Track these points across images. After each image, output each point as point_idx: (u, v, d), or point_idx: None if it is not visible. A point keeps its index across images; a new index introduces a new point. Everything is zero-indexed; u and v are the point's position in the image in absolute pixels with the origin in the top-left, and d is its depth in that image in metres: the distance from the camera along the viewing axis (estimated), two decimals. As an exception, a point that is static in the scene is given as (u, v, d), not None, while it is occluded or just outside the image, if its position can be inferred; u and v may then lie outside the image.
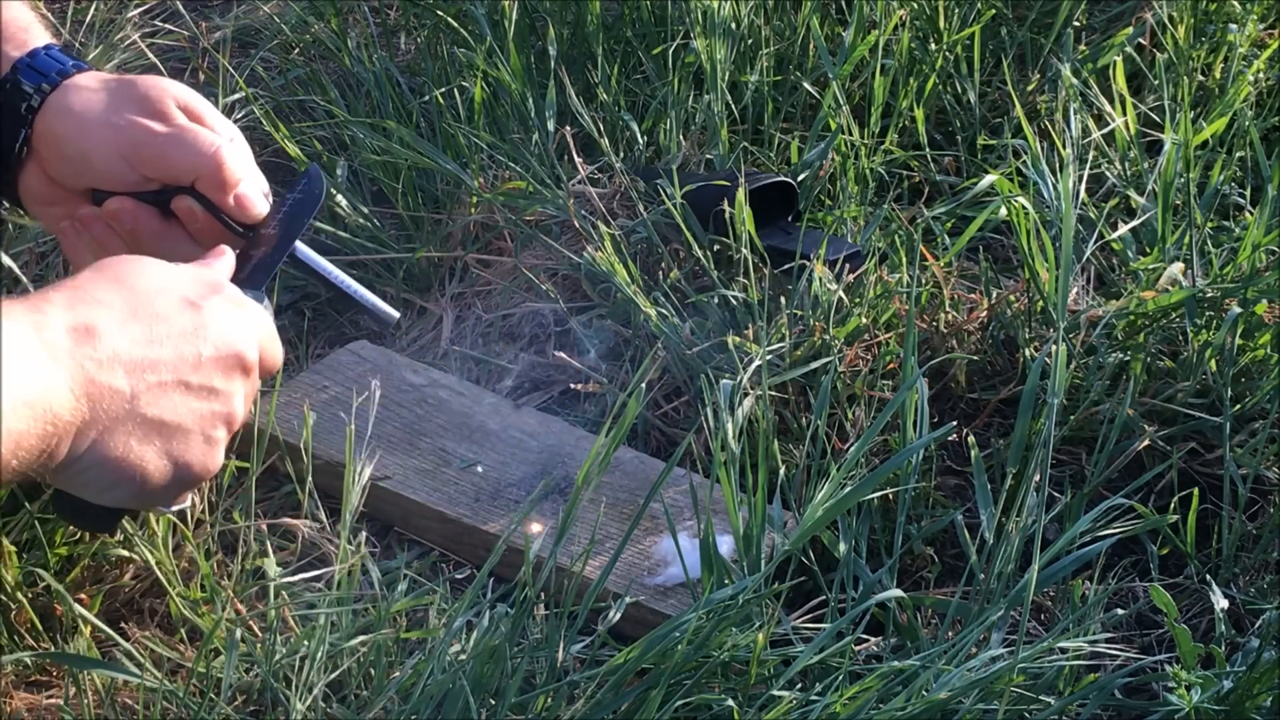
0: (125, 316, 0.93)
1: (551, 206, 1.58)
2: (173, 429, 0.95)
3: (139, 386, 0.93)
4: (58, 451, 0.89)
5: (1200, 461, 1.37)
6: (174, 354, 0.95)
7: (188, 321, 0.97)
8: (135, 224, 1.14)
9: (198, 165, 1.13)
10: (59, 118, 1.13)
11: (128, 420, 0.92)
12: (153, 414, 0.94)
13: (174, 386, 0.95)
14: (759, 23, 1.75)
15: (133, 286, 0.96)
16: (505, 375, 1.51)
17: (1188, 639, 1.11)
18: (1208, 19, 1.85)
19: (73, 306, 0.91)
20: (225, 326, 0.99)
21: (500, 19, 1.78)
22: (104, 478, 0.92)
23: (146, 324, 0.94)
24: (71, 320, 0.91)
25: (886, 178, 1.69)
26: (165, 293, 0.97)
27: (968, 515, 1.29)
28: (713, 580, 1.13)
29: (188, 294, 0.99)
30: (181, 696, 1.07)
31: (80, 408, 0.89)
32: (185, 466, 0.96)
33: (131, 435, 0.93)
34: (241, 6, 2.10)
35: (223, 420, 0.98)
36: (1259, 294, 1.40)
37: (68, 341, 0.89)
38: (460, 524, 1.30)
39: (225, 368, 0.98)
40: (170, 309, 0.97)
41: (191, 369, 0.96)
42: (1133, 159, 1.65)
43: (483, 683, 1.06)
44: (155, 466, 0.95)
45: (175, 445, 0.95)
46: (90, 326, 0.91)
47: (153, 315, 0.95)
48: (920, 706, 1.04)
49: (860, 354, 1.43)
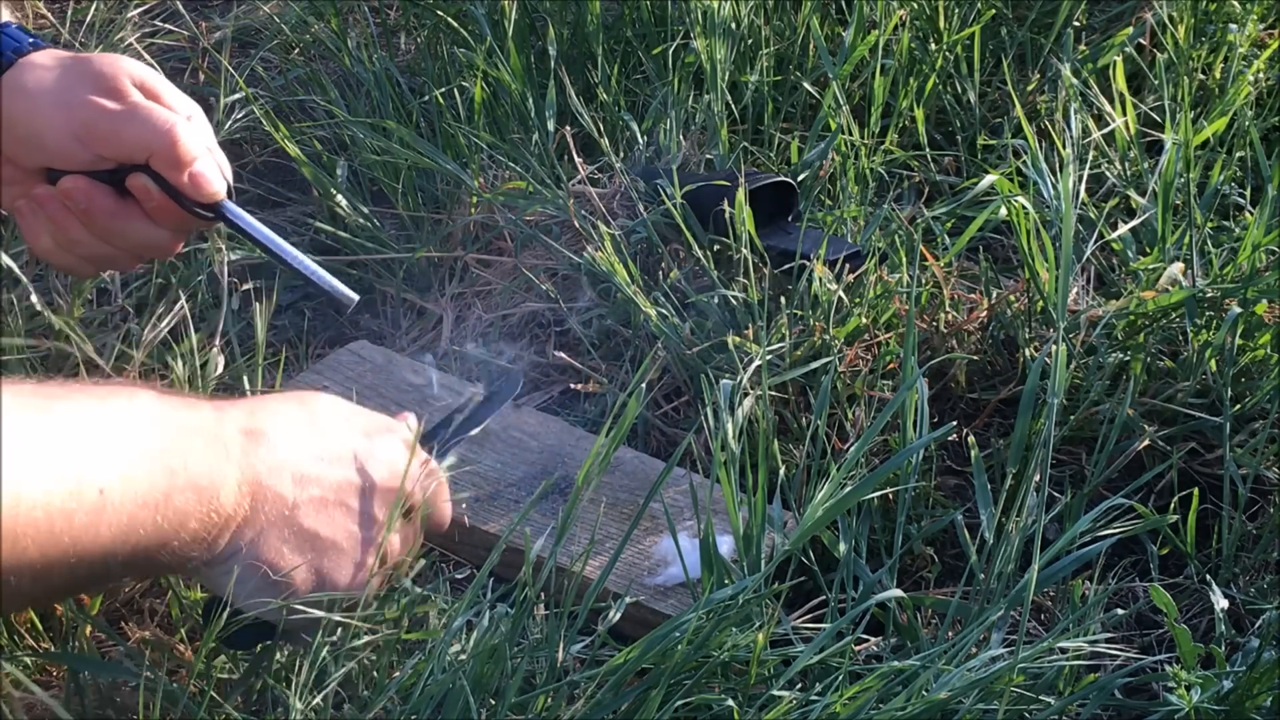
0: (300, 431, 0.97)
1: (551, 206, 1.58)
2: (326, 545, 0.97)
3: (301, 496, 0.95)
4: (216, 543, 0.92)
5: (1200, 461, 1.37)
6: (340, 475, 0.98)
7: (359, 448, 1.00)
8: (90, 203, 1.13)
9: (151, 143, 1.11)
10: (12, 97, 1.12)
11: (285, 527, 0.94)
12: (309, 526, 0.96)
13: (335, 505, 0.97)
14: (759, 23, 1.75)
15: (313, 409, 1.00)
16: (505, 375, 1.51)
17: (1188, 639, 1.11)
18: (1208, 19, 1.85)
19: (253, 412, 0.95)
20: (394, 462, 1.01)
21: (500, 19, 1.78)
22: (251, 579, 0.94)
23: (319, 442, 0.97)
24: (249, 424, 0.94)
25: (886, 178, 1.69)
26: (343, 420, 1.01)
27: (968, 515, 1.29)
28: (713, 580, 1.13)
29: (364, 426, 1.02)
30: (181, 697, 1.07)
31: (244, 504, 0.92)
32: (333, 586, 0.98)
33: (286, 542, 0.95)
34: (241, 6, 2.10)
35: (375, 550, 0.99)
36: (1259, 294, 1.40)
37: (241, 440, 0.93)
38: (460, 524, 1.30)
39: (388, 499, 1.00)
40: (345, 434, 1.00)
41: (355, 493, 0.98)
42: (1133, 159, 1.65)
43: (483, 683, 1.06)
44: (302, 578, 0.96)
45: (326, 562, 0.97)
46: (263, 432, 0.94)
47: (326, 435, 0.98)
48: (920, 706, 1.04)
49: (860, 354, 1.43)
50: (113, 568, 0.87)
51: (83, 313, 1.49)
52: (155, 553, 0.88)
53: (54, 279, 1.54)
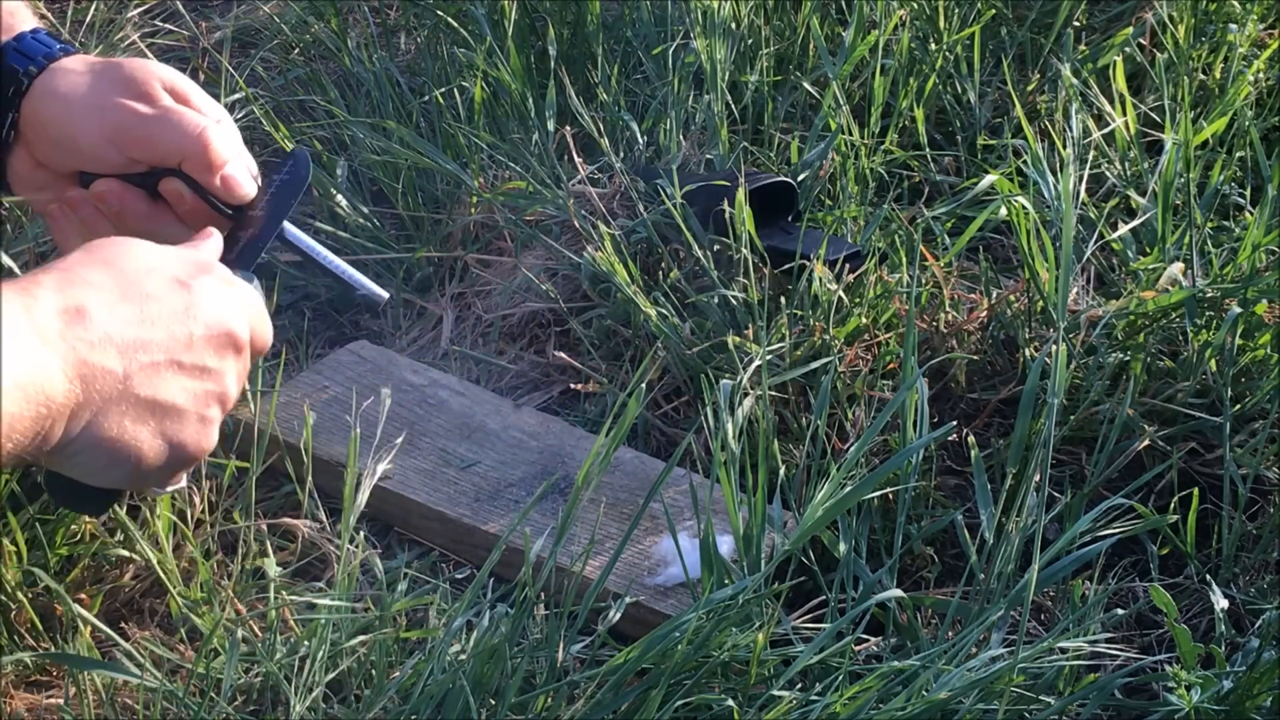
0: (116, 297, 0.93)
1: (551, 206, 1.58)
2: (167, 408, 0.95)
3: (132, 367, 0.92)
4: (52, 434, 0.89)
5: (1200, 461, 1.37)
6: (166, 334, 0.95)
7: (178, 301, 0.97)
8: (122, 206, 1.14)
9: (183, 147, 1.12)
10: (45, 101, 1.12)
11: (121, 401, 0.92)
12: (146, 394, 0.93)
13: (167, 366, 0.95)
14: (759, 23, 1.75)
15: (122, 268, 0.96)
16: (505, 375, 1.51)
17: (1188, 639, 1.11)
18: (1208, 19, 1.85)
19: (62, 289, 0.91)
20: (216, 305, 0.99)
21: (500, 19, 1.78)
22: (98, 459, 0.92)
23: (137, 304, 0.94)
24: (62, 302, 0.90)
25: (886, 178, 1.69)
26: (155, 273, 0.97)
27: (968, 515, 1.29)
28: (713, 580, 1.13)
29: (177, 274, 0.98)
30: (181, 697, 1.07)
31: (73, 390, 0.89)
32: (180, 446, 0.96)
33: (125, 416, 0.92)
34: (241, 6, 2.10)
35: (216, 399, 0.98)
36: (1259, 294, 1.40)
37: (58, 323, 0.89)
38: (460, 524, 1.30)
39: (217, 346, 0.98)
40: (160, 289, 0.96)
41: (184, 348, 0.96)
42: (1133, 159, 1.65)
43: (483, 683, 1.06)
44: (150, 446, 0.94)
45: (170, 425, 0.95)
46: (81, 308, 0.91)
47: (143, 295, 0.95)
48: (920, 706, 1.04)
49: (860, 354, 1.43)
50: None
51: (83, 313, 1.48)
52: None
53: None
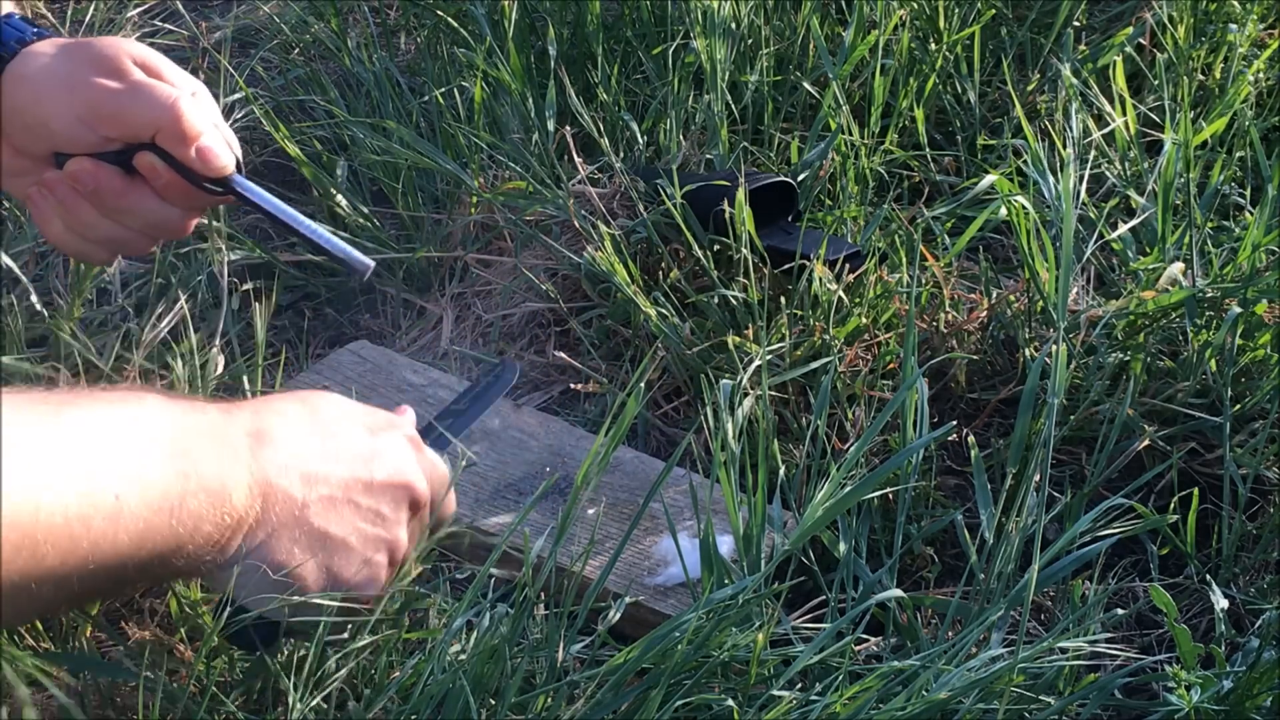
0: (305, 431, 0.97)
1: (551, 206, 1.58)
2: (337, 543, 0.97)
3: (310, 496, 0.95)
4: (229, 545, 0.92)
5: (1200, 461, 1.37)
6: (347, 473, 0.98)
7: (365, 447, 1.00)
8: (97, 184, 1.13)
9: (155, 119, 1.11)
10: (15, 86, 1.12)
11: (295, 527, 0.95)
12: (319, 525, 0.96)
13: (344, 503, 0.97)
14: (759, 23, 1.75)
15: (316, 407, 1.00)
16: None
17: (1188, 639, 1.11)
18: (1208, 19, 1.85)
19: (258, 413, 0.95)
20: (400, 458, 1.01)
21: (500, 19, 1.78)
22: (264, 580, 0.94)
23: (324, 441, 0.98)
24: (255, 424, 0.94)
25: (886, 178, 1.69)
26: (347, 418, 1.01)
27: (968, 515, 1.29)
28: (713, 580, 1.13)
29: (368, 423, 1.02)
30: (181, 697, 1.07)
31: (254, 505, 0.92)
32: (343, 583, 0.98)
33: (296, 543, 0.95)
34: (241, 6, 2.10)
35: (385, 545, 1.00)
36: (1259, 294, 1.40)
37: (248, 442, 0.93)
38: (460, 524, 1.30)
39: (394, 497, 1.00)
40: (348, 432, 1.00)
41: (362, 490, 0.98)
42: (1133, 159, 1.65)
43: (483, 683, 1.06)
44: (313, 578, 0.96)
45: (336, 560, 0.97)
46: (269, 433, 0.94)
47: (331, 434, 0.98)
48: (920, 706, 1.04)
49: (860, 354, 1.43)
50: (129, 572, 0.87)
51: (82, 313, 1.49)
52: (170, 556, 0.88)
53: (54, 279, 1.54)
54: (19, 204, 1.61)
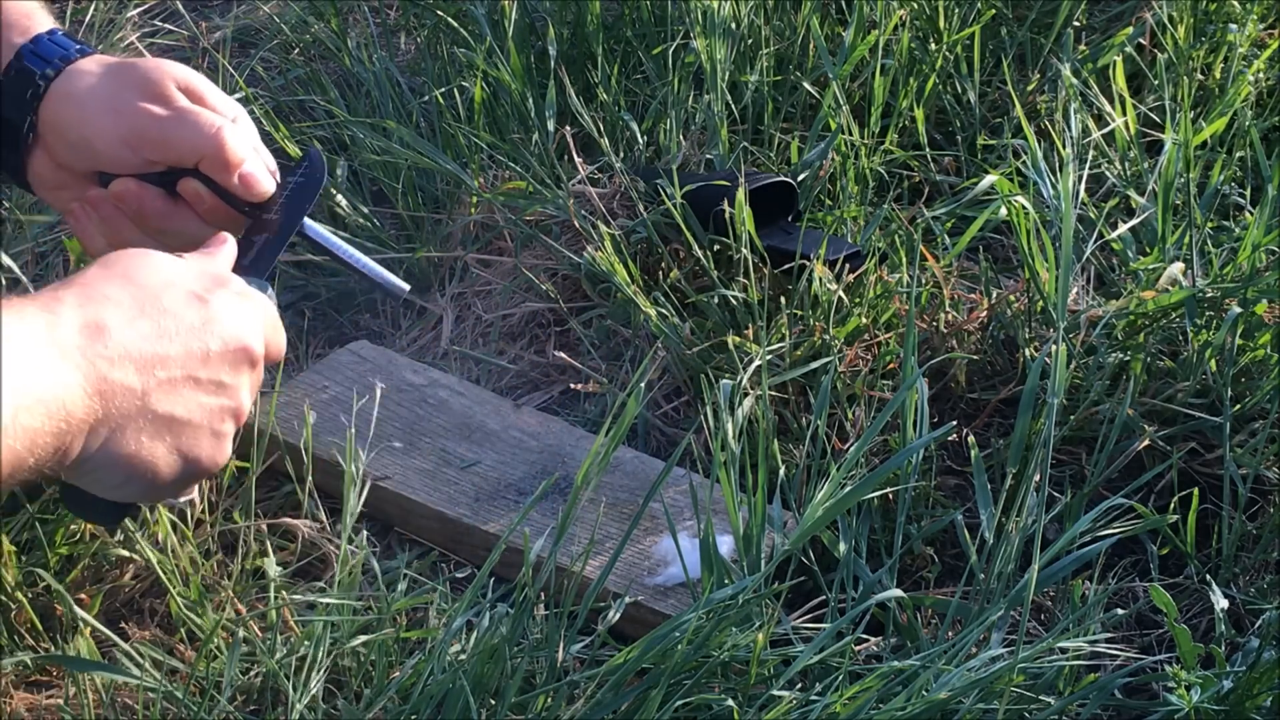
0: (134, 313, 0.94)
1: (551, 206, 1.58)
2: (182, 424, 0.96)
3: (149, 383, 0.93)
4: (71, 449, 0.90)
5: (1200, 461, 1.37)
6: (183, 349, 0.96)
7: (195, 316, 0.97)
8: (140, 205, 1.15)
9: (200, 147, 1.13)
10: (62, 104, 1.13)
11: (139, 417, 0.93)
12: (163, 410, 0.94)
13: (183, 382, 0.95)
14: (759, 23, 1.75)
15: (140, 282, 0.96)
16: (505, 375, 1.51)
17: (1188, 639, 1.11)
18: (1208, 19, 1.85)
19: (83, 304, 0.92)
20: (232, 320, 0.99)
21: (500, 19, 1.78)
22: (116, 475, 0.93)
23: (155, 319, 0.95)
24: (82, 318, 0.91)
25: (886, 178, 1.69)
26: (172, 287, 0.98)
27: (968, 515, 1.29)
28: (713, 580, 1.13)
29: (194, 288, 0.99)
30: (181, 697, 1.07)
31: (93, 406, 0.90)
32: (195, 461, 0.97)
33: (142, 432, 0.93)
34: (241, 6, 2.10)
35: (230, 414, 0.99)
36: (1259, 294, 1.40)
37: (80, 339, 0.90)
38: (460, 524, 1.30)
39: (233, 362, 0.99)
40: (178, 304, 0.97)
41: (200, 364, 0.97)
42: (1133, 159, 1.65)
43: (483, 683, 1.06)
44: (165, 462, 0.95)
45: (185, 440, 0.96)
46: (100, 324, 0.91)
47: (160, 310, 0.96)
48: (920, 706, 1.04)
49: (860, 354, 1.43)
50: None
51: (83, 313, 1.48)
52: (11, 474, 0.86)
53: (54, 279, 1.54)
54: (19, 204, 1.61)
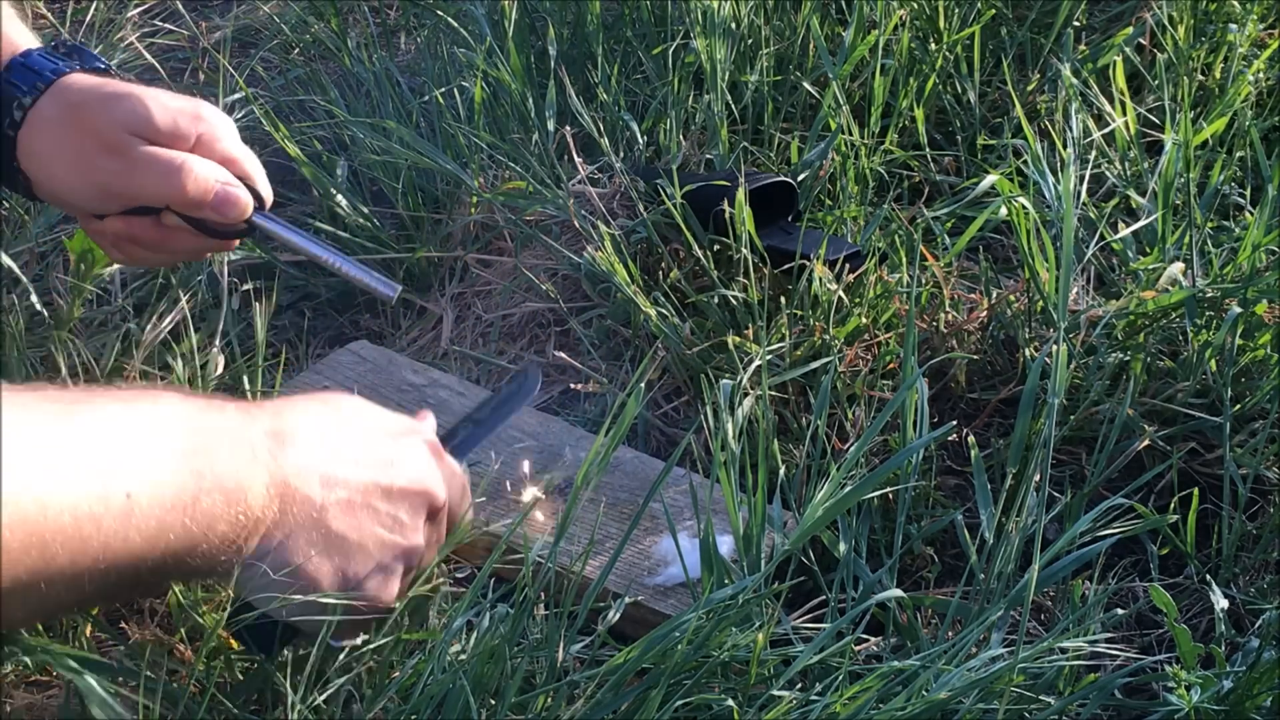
0: (326, 433, 0.97)
1: (551, 206, 1.58)
2: (353, 547, 0.97)
3: (329, 499, 0.95)
4: (245, 546, 0.91)
5: (1200, 461, 1.37)
6: (368, 477, 0.98)
7: (386, 451, 1.00)
8: (133, 236, 1.20)
9: (163, 194, 1.16)
10: (31, 161, 1.17)
11: (313, 529, 0.94)
12: (337, 528, 0.96)
13: (362, 508, 0.97)
14: (759, 23, 1.75)
15: (339, 409, 1.00)
16: (505, 375, 1.51)
17: (1188, 639, 1.11)
18: (1208, 19, 1.85)
19: (279, 414, 0.95)
20: (420, 465, 1.01)
21: (500, 19, 1.78)
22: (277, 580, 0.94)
23: (345, 443, 0.98)
24: (274, 426, 0.94)
25: (886, 178, 1.69)
26: (369, 421, 1.01)
27: (968, 515, 1.29)
28: (713, 580, 1.13)
29: (391, 429, 1.02)
30: (181, 697, 1.07)
31: (272, 507, 0.92)
32: (359, 588, 0.98)
33: (313, 545, 0.95)
34: (241, 6, 2.10)
35: (404, 552, 1.00)
36: (1259, 294, 1.40)
37: (269, 442, 0.93)
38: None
39: (414, 504, 1.00)
40: (370, 436, 1.00)
41: (382, 495, 0.98)
42: (1133, 159, 1.65)
43: (483, 683, 1.06)
44: (327, 580, 0.96)
45: (353, 564, 0.97)
46: (291, 434, 0.94)
47: (353, 437, 0.98)
48: (920, 706, 1.04)
49: (860, 354, 1.43)
50: (143, 573, 0.87)
51: (82, 313, 1.49)
52: (184, 556, 0.88)
53: (54, 279, 1.54)
54: (20, 205, 1.61)
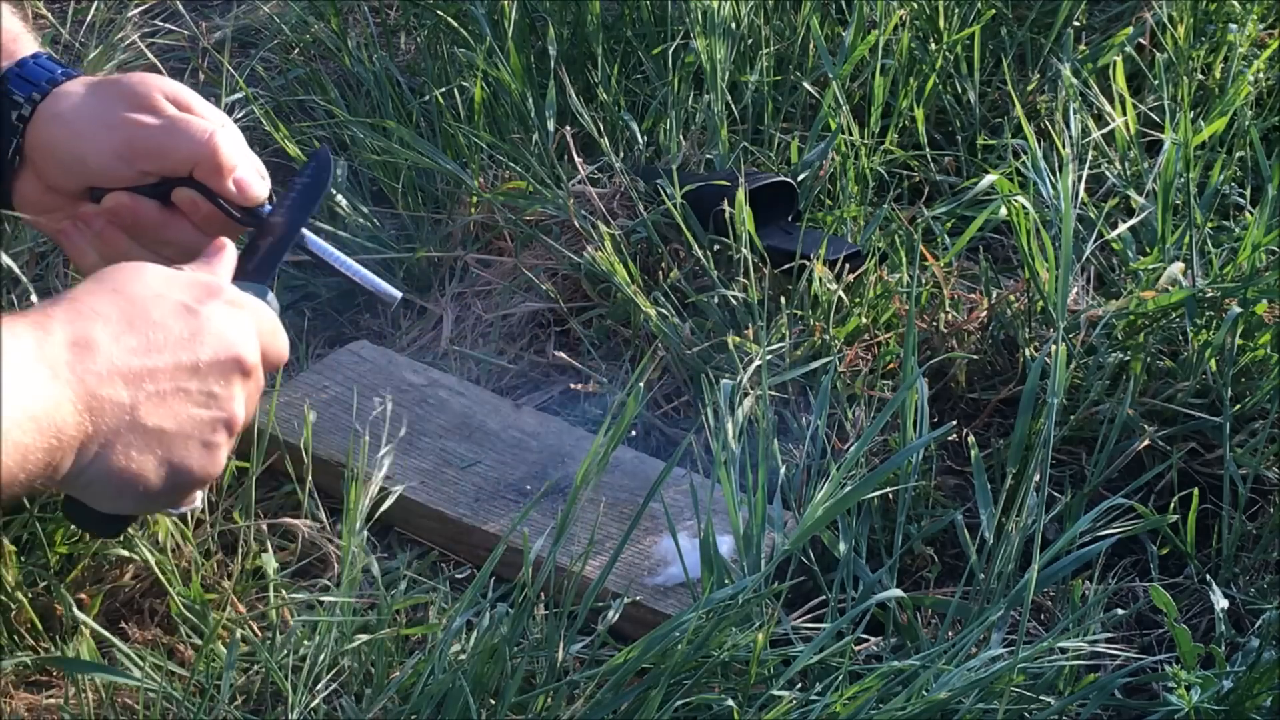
0: (122, 327, 0.94)
1: (551, 206, 1.58)
2: (172, 436, 0.96)
3: (139, 397, 0.94)
4: (62, 465, 0.90)
5: (1200, 461, 1.37)
6: (171, 361, 0.96)
7: (184, 328, 0.97)
8: (135, 218, 1.15)
9: (194, 153, 1.13)
10: (51, 124, 1.13)
11: (128, 431, 0.94)
12: (152, 423, 0.95)
13: (172, 394, 0.96)
14: (759, 23, 1.75)
15: (130, 295, 0.97)
16: (505, 375, 1.51)
17: (1188, 639, 1.11)
18: (1208, 19, 1.85)
19: (72, 321, 0.92)
20: (223, 330, 0.99)
21: (500, 19, 1.78)
22: (108, 488, 0.93)
23: (143, 332, 0.95)
24: (71, 334, 0.92)
25: (886, 178, 1.69)
26: (161, 299, 0.98)
27: (968, 515, 1.28)
28: (713, 580, 1.13)
29: (184, 299, 0.99)
30: (181, 697, 1.07)
31: (84, 422, 0.90)
32: (186, 472, 0.97)
33: (132, 446, 0.94)
34: (241, 6, 2.10)
35: (223, 424, 0.99)
36: (1259, 294, 1.40)
37: (68, 355, 0.91)
38: (460, 524, 1.30)
39: (223, 372, 0.99)
40: (166, 316, 0.97)
41: (189, 375, 0.97)
42: (1132, 159, 1.65)
43: (483, 683, 1.06)
44: (156, 475, 0.95)
45: (175, 452, 0.96)
46: (89, 340, 0.92)
47: (149, 323, 0.96)
48: (920, 706, 1.04)
49: (860, 354, 1.43)
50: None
51: (83, 313, 1.48)
52: (7, 490, 0.88)
53: (54, 279, 1.54)
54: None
